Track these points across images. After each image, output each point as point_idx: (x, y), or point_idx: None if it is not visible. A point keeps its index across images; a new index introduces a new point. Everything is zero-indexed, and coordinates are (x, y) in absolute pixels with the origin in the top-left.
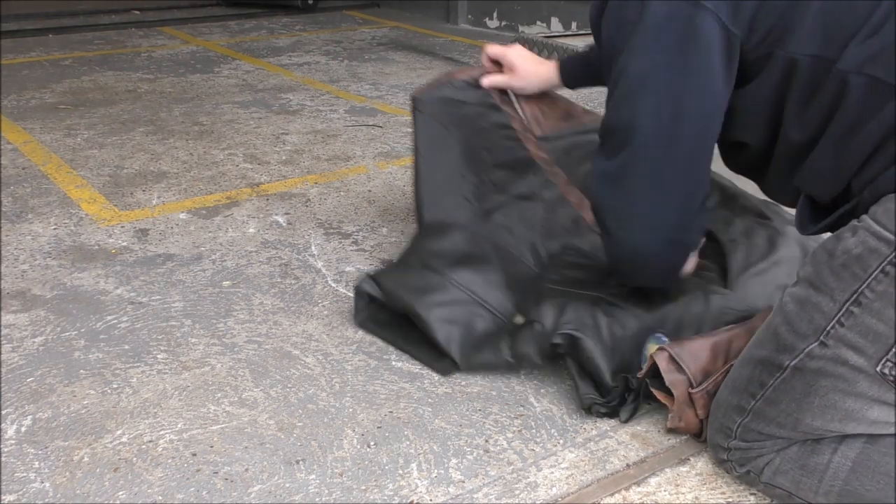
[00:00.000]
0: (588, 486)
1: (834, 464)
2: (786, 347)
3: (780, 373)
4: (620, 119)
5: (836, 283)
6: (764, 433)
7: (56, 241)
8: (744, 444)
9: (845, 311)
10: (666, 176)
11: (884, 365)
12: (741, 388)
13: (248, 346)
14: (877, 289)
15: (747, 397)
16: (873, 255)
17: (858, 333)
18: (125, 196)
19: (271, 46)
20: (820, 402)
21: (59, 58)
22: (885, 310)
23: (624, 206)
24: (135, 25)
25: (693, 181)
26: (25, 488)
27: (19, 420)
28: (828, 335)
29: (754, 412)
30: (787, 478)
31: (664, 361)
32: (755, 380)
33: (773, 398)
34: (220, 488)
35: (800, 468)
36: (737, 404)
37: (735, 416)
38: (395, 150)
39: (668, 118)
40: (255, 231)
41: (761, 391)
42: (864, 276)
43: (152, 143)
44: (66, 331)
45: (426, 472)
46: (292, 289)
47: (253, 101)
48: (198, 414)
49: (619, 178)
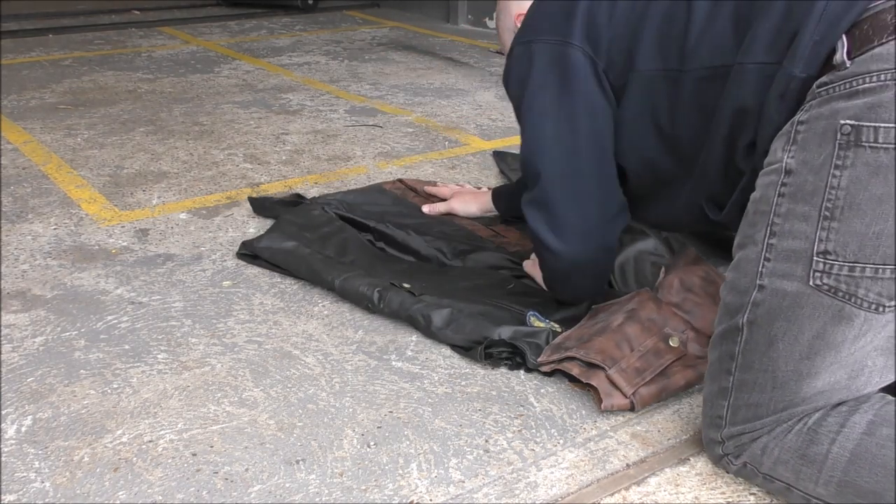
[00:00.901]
0: (588, 486)
1: (833, 454)
2: (735, 309)
3: (739, 335)
4: (531, 150)
5: (753, 230)
6: (751, 407)
7: (56, 241)
8: (735, 428)
9: (765, 246)
10: (579, 188)
11: (813, 277)
12: (716, 370)
13: (249, 346)
14: (780, 212)
15: (725, 375)
16: (770, 187)
17: (783, 260)
18: (125, 196)
19: (271, 46)
20: (783, 345)
21: (59, 58)
22: (795, 226)
23: (553, 223)
24: (135, 25)
25: (603, 190)
26: (25, 488)
27: (19, 420)
28: (761, 276)
29: (735, 387)
30: (788, 468)
31: (576, 369)
32: (725, 355)
33: (746, 363)
34: (220, 488)
35: (799, 458)
36: (718, 389)
37: (720, 400)
38: (395, 150)
39: (568, 137)
40: (255, 231)
41: (733, 363)
42: (768, 208)
43: (152, 143)
44: (66, 331)
45: (426, 472)
46: (292, 289)
47: (253, 101)
48: (198, 414)
49: (542, 200)
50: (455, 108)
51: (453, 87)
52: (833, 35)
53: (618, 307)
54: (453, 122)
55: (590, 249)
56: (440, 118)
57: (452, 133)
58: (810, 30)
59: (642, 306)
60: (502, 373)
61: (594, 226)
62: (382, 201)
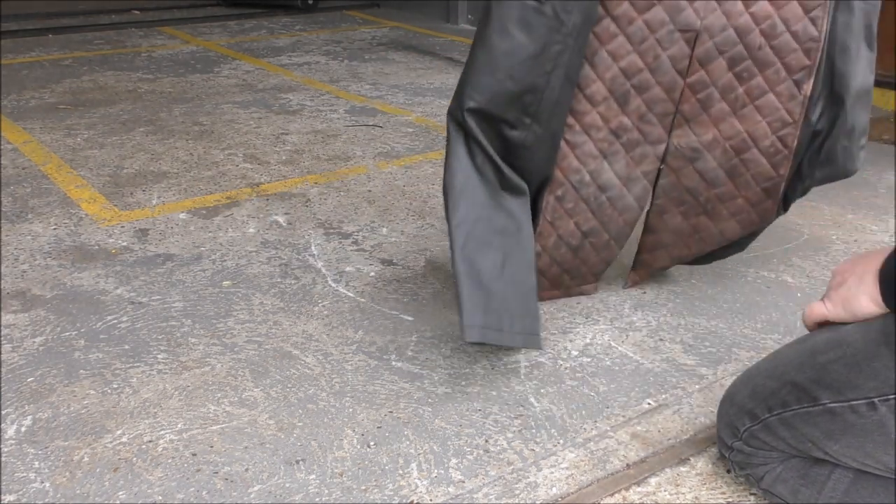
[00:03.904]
0: (588, 486)
1: (835, 476)
2: (829, 386)
3: (810, 405)
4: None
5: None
6: (770, 445)
7: (56, 241)
8: (748, 448)
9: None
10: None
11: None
12: (760, 397)
13: (248, 346)
14: None
15: (763, 408)
16: None
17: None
18: (125, 196)
19: (271, 46)
20: (840, 448)
21: (59, 58)
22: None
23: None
24: (135, 25)
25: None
26: (25, 488)
27: (19, 420)
28: (886, 401)
29: (766, 425)
30: (787, 487)
31: None
32: (778, 397)
33: (791, 422)
34: (220, 488)
35: (800, 478)
36: (750, 409)
37: (746, 419)
38: (395, 150)
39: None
40: (255, 231)
41: (780, 410)
42: None
43: (152, 143)
44: (66, 331)
45: (426, 472)
46: (292, 289)
47: (253, 101)
48: (198, 414)
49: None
50: None
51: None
52: None
53: None
54: None
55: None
56: (440, 118)
57: None
58: None
59: None
60: (502, 373)
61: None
62: None
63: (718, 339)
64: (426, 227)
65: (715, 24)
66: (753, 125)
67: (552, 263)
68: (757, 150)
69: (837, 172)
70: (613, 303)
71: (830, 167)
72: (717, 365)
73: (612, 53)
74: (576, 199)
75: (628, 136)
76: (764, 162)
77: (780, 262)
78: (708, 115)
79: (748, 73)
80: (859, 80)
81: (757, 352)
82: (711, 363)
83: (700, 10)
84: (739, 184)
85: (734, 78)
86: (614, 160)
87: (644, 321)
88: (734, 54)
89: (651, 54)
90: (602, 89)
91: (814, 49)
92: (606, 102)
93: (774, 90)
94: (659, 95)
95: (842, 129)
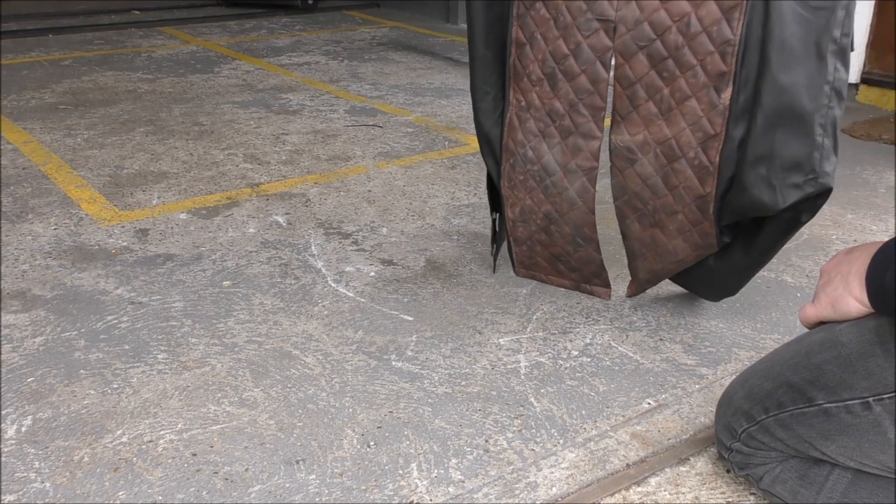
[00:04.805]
0: (588, 486)
1: (834, 476)
2: (824, 387)
3: (805, 406)
4: None
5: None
6: (768, 446)
7: (56, 241)
8: (746, 449)
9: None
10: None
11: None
12: (757, 398)
13: (248, 346)
14: None
15: (760, 409)
16: None
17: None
18: (125, 196)
19: (271, 46)
20: (836, 448)
21: (59, 58)
22: None
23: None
24: (135, 25)
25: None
26: (25, 488)
27: (19, 420)
28: (880, 400)
29: (763, 426)
30: (785, 487)
31: None
32: (774, 398)
33: (787, 423)
34: (220, 488)
35: (799, 478)
36: (747, 411)
37: (743, 421)
38: (395, 150)
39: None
40: (255, 231)
41: (777, 411)
42: None
43: (152, 143)
44: (66, 331)
45: (426, 472)
46: (292, 289)
47: (253, 101)
48: (198, 414)
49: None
50: (455, 108)
51: (453, 87)
52: None
53: None
54: (453, 122)
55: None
56: (440, 118)
57: (452, 133)
58: None
59: None
60: (502, 373)
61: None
62: None
63: (718, 339)
64: (426, 227)
65: (628, 16)
66: (679, 131)
67: (531, 239)
68: (685, 161)
69: (747, 204)
70: (613, 303)
71: (741, 195)
72: (717, 365)
73: (544, 36)
74: (525, 171)
75: (561, 121)
76: (691, 175)
77: (780, 262)
78: (637, 113)
79: (669, 73)
80: (787, 98)
81: (757, 352)
82: (711, 363)
83: (614, 2)
84: (676, 196)
85: (657, 76)
86: (551, 143)
87: (644, 321)
88: (653, 51)
89: (573, 40)
90: (538, 70)
91: (729, 53)
92: (541, 84)
93: (696, 95)
94: (585, 85)
95: (753, 152)
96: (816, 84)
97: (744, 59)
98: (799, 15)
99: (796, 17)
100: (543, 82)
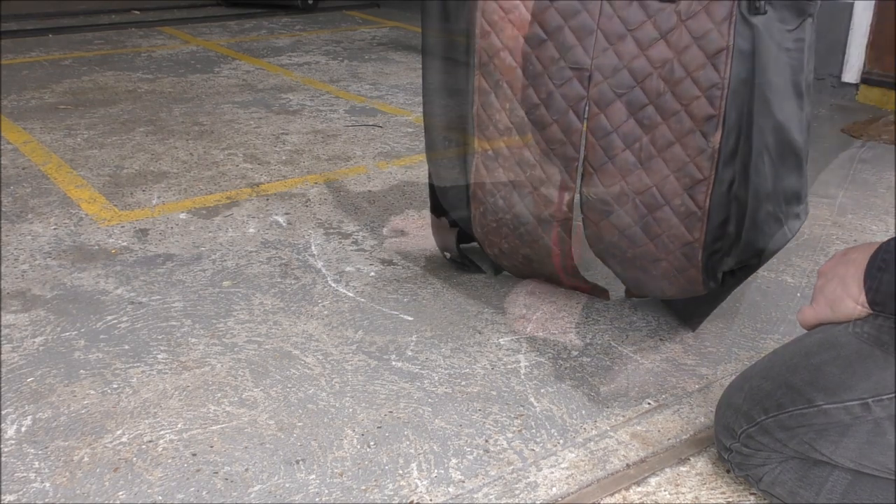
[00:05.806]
0: (588, 486)
1: (833, 477)
2: (823, 388)
3: (804, 407)
4: None
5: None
6: (768, 447)
7: (56, 241)
8: (746, 449)
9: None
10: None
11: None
12: (756, 399)
13: (248, 346)
14: None
15: (759, 410)
16: None
17: None
18: (125, 196)
19: (271, 46)
20: (836, 449)
21: (59, 58)
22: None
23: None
24: (135, 25)
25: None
26: (25, 488)
27: (19, 420)
28: (880, 401)
29: (762, 427)
30: (785, 488)
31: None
32: (773, 399)
33: (787, 424)
34: (220, 488)
35: (798, 479)
36: (747, 412)
37: (742, 421)
38: (395, 150)
39: None
40: (255, 231)
41: (776, 412)
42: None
43: (152, 143)
44: (66, 331)
45: (426, 472)
46: (292, 289)
47: (253, 101)
48: (198, 414)
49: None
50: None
51: None
52: None
53: None
54: None
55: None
56: None
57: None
58: None
59: None
60: (502, 373)
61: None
62: None
63: (718, 339)
64: (426, 226)
65: (606, 64)
66: (661, 179)
67: (516, 269)
68: (669, 209)
69: (760, 244)
70: (613, 303)
71: (755, 234)
72: (717, 365)
73: (510, 84)
74: (497, 220)
75: (532, 171)
76: (677, 223)
77: (780, 262)
78: (613, 164)
79: (649, 120)
80: (784, 135)
81: (757, 352)
82: (711, 363)
83: (590, 50)
84: (659, 245)
85: (636, 124)
86: (523, 194)
87: (644, 321)
88: (632, 98)
89: (544, 90)
90: (505, 119)
91: (717, 96)
92: (509, 133)
93: (680, 141)
94: (557, 135)
95: (762, 190)
96: (800, 119)
97: (731, 101)
98: (781, 54)
99: (779, 56)
100: (511, 131)
